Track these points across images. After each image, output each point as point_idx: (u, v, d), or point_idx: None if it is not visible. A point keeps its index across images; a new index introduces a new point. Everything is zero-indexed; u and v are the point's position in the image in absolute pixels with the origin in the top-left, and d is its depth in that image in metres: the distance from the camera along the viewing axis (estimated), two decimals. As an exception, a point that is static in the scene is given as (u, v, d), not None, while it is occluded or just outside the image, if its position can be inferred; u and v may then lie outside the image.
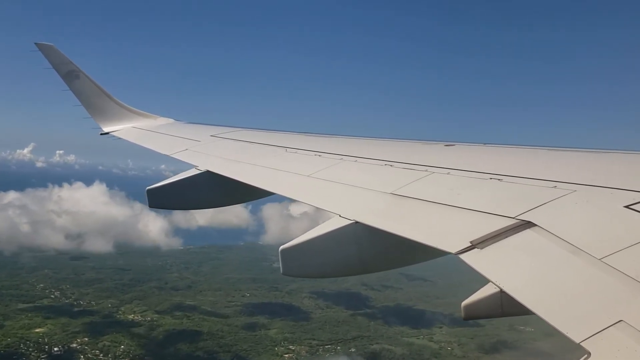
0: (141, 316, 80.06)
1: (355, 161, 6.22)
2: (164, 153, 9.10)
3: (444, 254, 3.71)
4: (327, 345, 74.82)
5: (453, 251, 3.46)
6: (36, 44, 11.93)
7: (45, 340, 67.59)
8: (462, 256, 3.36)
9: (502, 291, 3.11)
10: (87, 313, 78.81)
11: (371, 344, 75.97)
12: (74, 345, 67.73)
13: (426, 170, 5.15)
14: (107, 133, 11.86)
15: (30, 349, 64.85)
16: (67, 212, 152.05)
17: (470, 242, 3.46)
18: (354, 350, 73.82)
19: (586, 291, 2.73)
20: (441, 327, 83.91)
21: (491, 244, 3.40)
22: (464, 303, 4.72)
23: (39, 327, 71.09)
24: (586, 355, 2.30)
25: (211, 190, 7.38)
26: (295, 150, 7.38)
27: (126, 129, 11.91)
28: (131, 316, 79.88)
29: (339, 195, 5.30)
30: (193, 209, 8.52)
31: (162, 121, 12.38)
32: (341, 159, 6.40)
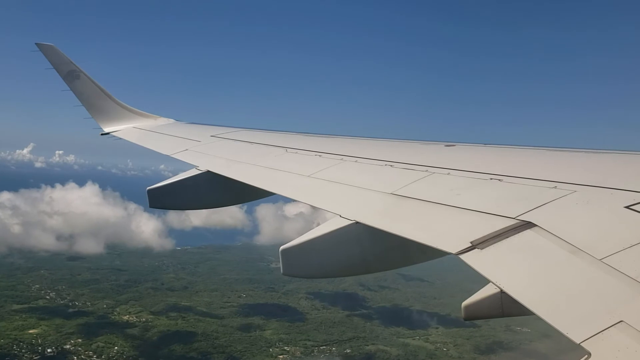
0: (136, 317, 79.66)
1: (356, 161, 6.22)
2: (164, 153, 9.10)
3: (444, 254, 3.71)
4: (322, 346, 74.55)
5: (453, 251, 3.46)
6: (37, 44, 11.92)
7: (39, 341, 67.10)
8: (463, 256, 3.36)
9: (502, 292, 3.11)
10: (82, 314, 78.43)
11: (366, 345, 75.76)
12: (68, 346, 67.29)
13: (426, 171, 5.15)
14: (107, 133, 11.86)
15: (24, 350, 64.32)
16: (59, 213, 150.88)
17: (471, 242, 3.46)
18: (349, 351, 73.59)
19: (586, 292, 2.73)
20: (437, 328, 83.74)
21: (491, 244, 3.39)
22: (464, 303, 4.72)
23: (33, 328, 70.54)
24: (586, 355, 2.30)
25: (212, 191, 7.38)
26: (295, 151, 7.38)
27: (127, 129, 11.91)
28: (126, 317, 79.43)
29: (340, 195, 5.31)
30: (193, 209, 8.52)
31: (162, 121, 12.38)
32: (341, 159, 6.40)
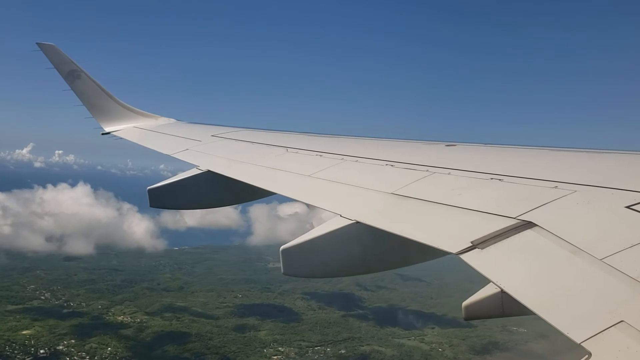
0: (131, 317, 78.90)
1: (357, 161, 6.21)
2: (165, 153, 9.11)
3: (444, 254, 3.70)
4: (316, 346, 73.73)
5: (454, 251, 3.45)
6: (38, 43, 11.93)
7: (32, 342, 66.30)
8: (463, 256, 3.36)
9: (502, 291, 3.10)
10: (76, 314, 77.69)
11: (361, 346, 75.01)
12: (61, 347, 66.50)
13: (427, 171, 5.15)
14: (108, 133, 11.87)
15: (16, 351, 63.61)
16: (50, 214, 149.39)
17: (471, 242, 3.46)
18: (343, 351, 72.86)
19: (587, 291, 2.73)
20: (433, 328, 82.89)
21: (492, 244, 3.39)
22: (464, 303, 4.72)
23: (27, 329, 69.72)
24: (587, 355, 2.30)
25: (212, 190, 7.38)
26: (296, 151, 7.38)
27: (127, 128, 11.92)
28: (120, 318, 78.61)
29: (340, 195, 5.30)
30: (194, 209, 8.52)
31: (163, 121, 12.39)
32: (342, 159, 6.40)
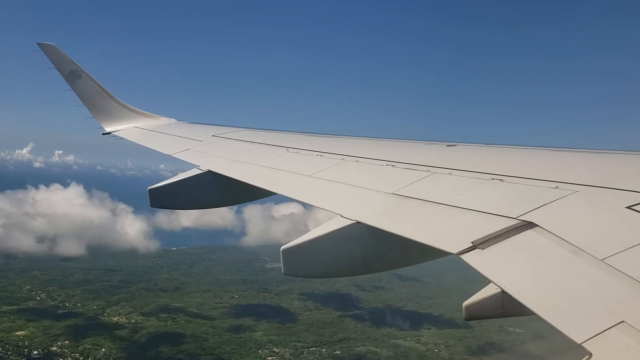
0: (126, 318, 78.24)
1: (357, 161, 6.21)
2: (166, 153, 9.11)
3: (445, 254, 3.70)
4: (312, 347, 73.00)
5: (454, 251, 3.45)
6: (38, 43, 11.94)
7: (26, 343, 65.71)
8: (464, 257, 3.36)
9: (503, 292, 3.10)
10: (71, 315, 76.95)
11: (357, 346, 74.32)
12: (54, 348, 65.85)
13: (428, 171, 5.15)
14: (109, 133, 11.87)
15: (9, 353, 63.02)
16: (42, 215, 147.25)
17: (472, 242, 3.46)
18: (339, 352, 72.16)
19: (588, 292, 2.73)
20: (430, 329, 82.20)
21: (493, 244, 3.39)
22: (465, 303, 4.72)
23: (21, 330, 69.10)
24: (588, 356, 2.30)
25: (213, 190, 7.38)
26: (297, 151, 7.38)
27: (128, 128, 11.92)
28: (116, 318, 77.94)
29: (341, 195, 5.30)
30: (194, 209, 8.52)
31: (164, 121, 12.39)
32: (343, 159, 6.40)
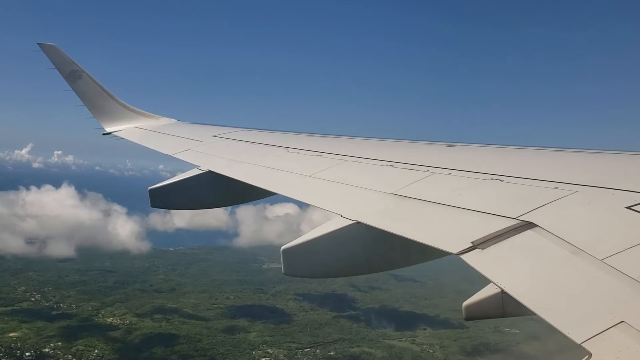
0: (120, 319, 77.65)
1: (357, 161, 6.22)
2: (166, 153, 9.12)
3: (445, 254, 3.70)
4: (306, 348, 72.48)
5: (454, 252, 3.45)
6: (39, 44, 11.93)
7: (18, 344, 65.09)
8: (463, 257, 3.36)
9: (503, 292, 3.10)
10: (65, 316, 76.32)
11: (351, 347, 73.86)
12: (47, 349, 64.61)
13: (427, 171, 5.15)
14: (109, 133, 11.88)
15: (1, 354, 62.47)
16: (32, 216, 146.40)
17: (472, 242, 3.46)
18: (333, 353, 71.67)
19: (587, 292, 2.73)
20: (425, 329, 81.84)
21: (492, 244, 3.39)
22: (465, 303, 4.72)
23: (14, 332, 68.50)
24: (587, 356, 2.30)
25: (213, 191, 7.38)
26: (297, 151, 7.38)
27: (128, 129, 11.93)
28: (110, 319, 77.35)
29: (341, 195, 5.31)
30: (194, 209, 8.53)
31: (164, 121, 12.40)
32: (343, 159, 6.41)
